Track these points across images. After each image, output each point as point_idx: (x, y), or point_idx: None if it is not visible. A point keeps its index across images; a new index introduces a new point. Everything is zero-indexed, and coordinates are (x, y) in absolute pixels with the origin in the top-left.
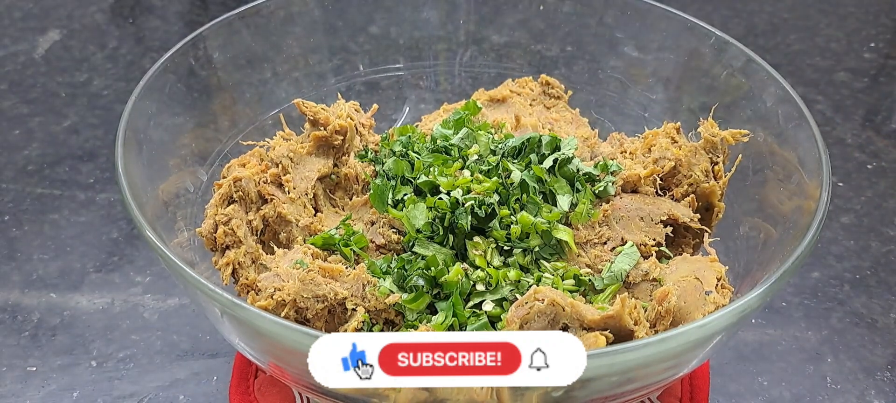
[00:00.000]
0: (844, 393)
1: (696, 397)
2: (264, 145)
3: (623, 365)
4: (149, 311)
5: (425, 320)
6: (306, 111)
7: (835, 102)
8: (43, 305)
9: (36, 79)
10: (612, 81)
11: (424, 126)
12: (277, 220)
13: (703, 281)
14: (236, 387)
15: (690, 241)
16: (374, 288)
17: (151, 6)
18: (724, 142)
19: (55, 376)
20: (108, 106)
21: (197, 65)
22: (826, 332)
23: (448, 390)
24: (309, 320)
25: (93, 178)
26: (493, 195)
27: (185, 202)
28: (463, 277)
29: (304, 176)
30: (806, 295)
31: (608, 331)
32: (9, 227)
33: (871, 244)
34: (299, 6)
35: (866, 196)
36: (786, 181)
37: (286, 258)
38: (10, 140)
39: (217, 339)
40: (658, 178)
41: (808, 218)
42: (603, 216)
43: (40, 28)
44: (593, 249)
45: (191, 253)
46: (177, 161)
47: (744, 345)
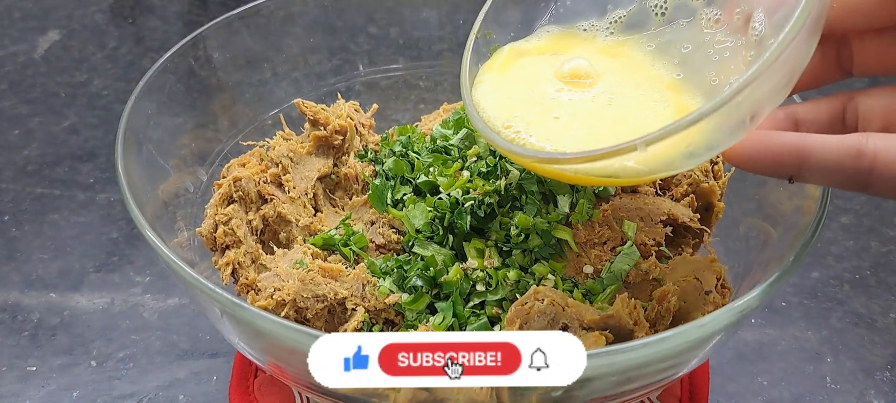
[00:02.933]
0: (844, 393)
1: (696, 397)
2: (264, 145)
3: (623, 365)
4: (148, 311)
5: (425, 320)
6: (306, 111)
7: None
8: (43, 305)
9: (36, 79)
10: None
11: (424, 126)
12: (277, 220)
13: (702, 281)
14: (236, 387)
15: (690, 241)
16: (373, 288)
17: (151, 6)
18: None
19: (55, 376)
20: (108, 106)
21: (197, 65)
22: (826, 332)
23: (448, 390)
24: (309, 320)
25: (92, 178)
26: (492, 195)
27: (184, 202)
28: (462, 277)
29: (303, 176)
30: (806, 295)
31: (608, 331)
32: (8, 227)
33: (870, 244)
34: (299, 6)
35: (866, 196)
36: (785, 181)
37: (286, 258)
38: (9, 140)
39: (217, 339)
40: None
41: (807, 218)
42: (603, 216)
43: (40, 28)
44: (593, 249)
45: (191, 253)
46: (177, 161)
47: (743, 345)
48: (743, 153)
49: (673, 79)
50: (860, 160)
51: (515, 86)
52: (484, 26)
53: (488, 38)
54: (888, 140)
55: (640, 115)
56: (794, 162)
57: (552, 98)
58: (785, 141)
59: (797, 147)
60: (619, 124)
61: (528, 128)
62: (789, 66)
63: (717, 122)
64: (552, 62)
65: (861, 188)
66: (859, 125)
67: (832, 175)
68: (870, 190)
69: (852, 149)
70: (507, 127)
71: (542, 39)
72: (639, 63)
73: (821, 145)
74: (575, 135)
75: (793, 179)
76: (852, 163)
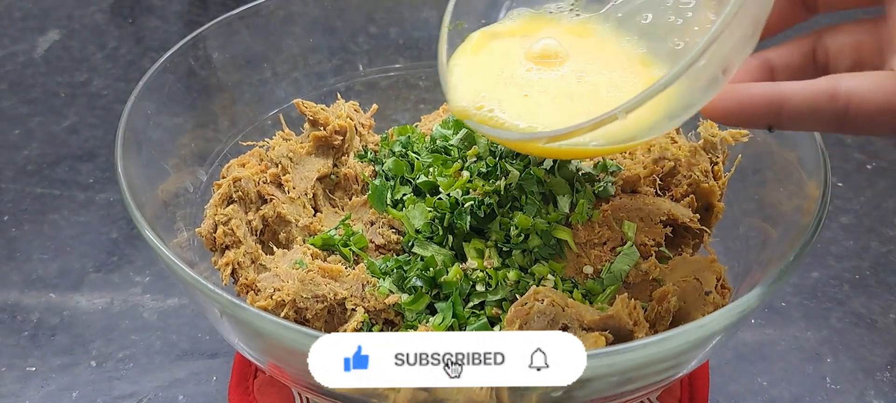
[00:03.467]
0: (844, 393)
1: (696, 397)
2: (264, 145)
3: (623, 365)
4: (148, 311)
5: (425, 320)
6: (306, 111)
7: None
8: (42, 305)
9: (36, 79)
10: None
11: (424, 126)
12: (277, 220)
13: (702, 281)
14: (236, 387)
15: (690, 241)
16: (373, 288)
17: (151, 6)
18: (724, 143)
19: (55, 376)
20: (108, 106)
21: (196, 65)
22: (825, 332)
23: (448, 390)
24: (308, 320)
25: (92, 178)
26: (492, 195)
27: (184, 202)
28: (462, 278)
29: (303, 176)
30: (805, 295)
31: (608, 331)
32: (8, 227)
33: (870, 244)
34: (299, 6)
35: (866, 196)
36: (785, 181)
37: (286, 258)
38: (9, 140)
39: (217, 339)
40: (657, 178)
41: (807, 218)
42: (603, 216)
43: (40, 28)
44: (593, 249)
45: (190, 253)
46: (176, 161)
47: (743, 345)
48: (721, 109)
49: (639, 53)
50: (835, 102)
51: (487, 68)
52: (454, 17)
53: (460, 27)
54: (859, 78)
55: (609, 90)
56: (771, 111)
57: (522, 77)
58: (760, 92)
59: (772, 96)
60: (588, 100)
61: (501, 105)
62: (752, 16)
63: (689, 82)
64: (522, 43)
65: (838, 128)
66: (830, 64)
67: (809, 120)
68: (846, 129)
69: (826, 93)
70: (478, 107)
71: (514, 21)
72: (606, 40)
73: (795, 92)
74: (546, 112)
75: (772, 128)
76: (827, 106)
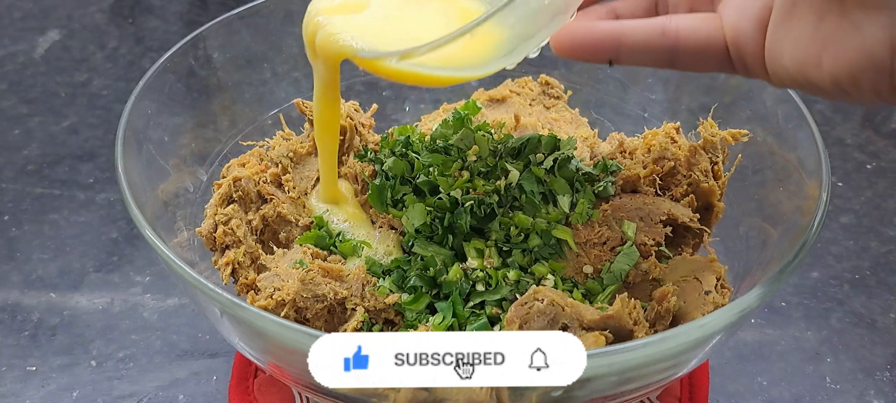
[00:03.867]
0: (844, 393)
1: (696, 397)
2: (264, 145)
3: (623, 365)
4: (148, 311)
5: (425, 320)
6: (306, 111)
7: (834, 102)
8: (43, 305)
9: (36, 79)
10: (611, 81)
11: (424, 126)
12: (277, 220)
13: (702, 281)
14: (236, 387)
15: (690, 241)
16: (373, 287)
17: (151, 6)
18: (724, 142)
19: (55, 376)
20: (108, 106)
21: (197, 65)
22: (825, 332)
23: (448, 390)
24: (308, 320)
25: (92, 178)
26: (492, 195)
27: (184, 202)
28: (462, 277)
29: (304, 176)
30: (805, 295)
31: (608, 331)
32: (8, 227)
33: (870, 244)
34: (299, 6)
35: (866, 196)
36: (785, 181)
37: (286, 258)
38: (9, 140)
39: (217, 339)
40: (657, 178)
41: (807, 218)
42: (603, 216)
43: (40, 28)
44: (593, 249)
45: (190, 253)
46: (176, 161)
47: (743, 345)
48: (566, 40)
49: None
50: (665, 38)
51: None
52: None
53: None
54: (688, 19)
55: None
56: (611, 45)
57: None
58: (603, 27)
59: (613, 32)
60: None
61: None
62: None
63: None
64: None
65: (669, 63)
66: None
67: (643, 54)
68: (677, 64)
69: (658, 29)
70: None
71: None
72: None
73: (633, 28)
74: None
75: (612, 62)
76: (659, 41)
